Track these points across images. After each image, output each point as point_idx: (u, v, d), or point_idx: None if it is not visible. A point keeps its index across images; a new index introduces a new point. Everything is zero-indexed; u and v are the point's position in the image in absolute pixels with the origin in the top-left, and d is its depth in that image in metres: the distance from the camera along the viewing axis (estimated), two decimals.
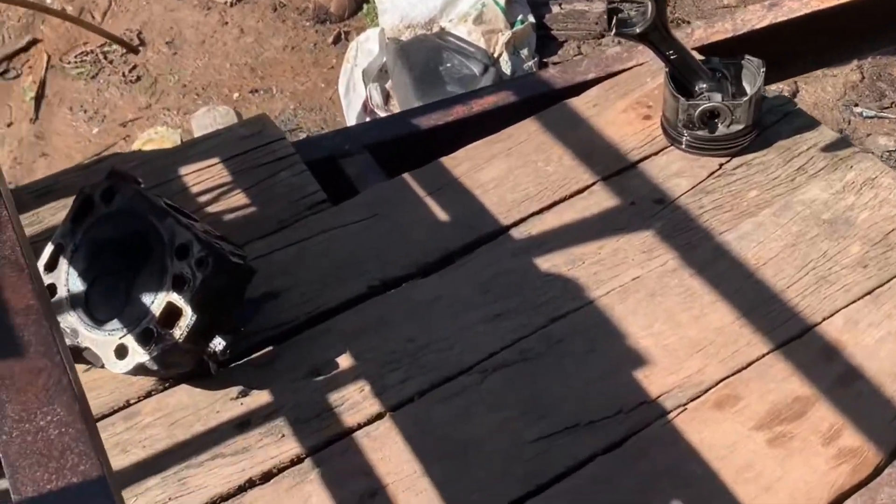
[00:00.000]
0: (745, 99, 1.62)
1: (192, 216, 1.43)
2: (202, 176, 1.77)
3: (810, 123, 1.72)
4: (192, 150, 1.83)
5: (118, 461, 1.31)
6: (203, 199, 1.72)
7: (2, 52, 4.21)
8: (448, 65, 3.28)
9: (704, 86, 1.67)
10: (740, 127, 1.65)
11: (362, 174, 1.80)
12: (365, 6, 3.92)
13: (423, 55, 3.32)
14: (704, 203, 1.61)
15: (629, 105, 1.83)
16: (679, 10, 3.69)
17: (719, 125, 1.66)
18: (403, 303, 1.52)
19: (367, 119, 3.37)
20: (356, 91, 3.46)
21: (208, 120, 3.58)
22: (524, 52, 3.49)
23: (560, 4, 3.68)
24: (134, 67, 3.99)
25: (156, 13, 4.29)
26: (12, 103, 3.93)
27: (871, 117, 3.00)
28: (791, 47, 2.02)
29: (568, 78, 1.94)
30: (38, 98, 3.92)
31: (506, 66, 3.42)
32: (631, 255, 1.54)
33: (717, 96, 1.64)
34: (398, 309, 1.51)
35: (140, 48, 4.11)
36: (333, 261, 1.59)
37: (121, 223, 1.35)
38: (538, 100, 1.91)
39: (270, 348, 1.47)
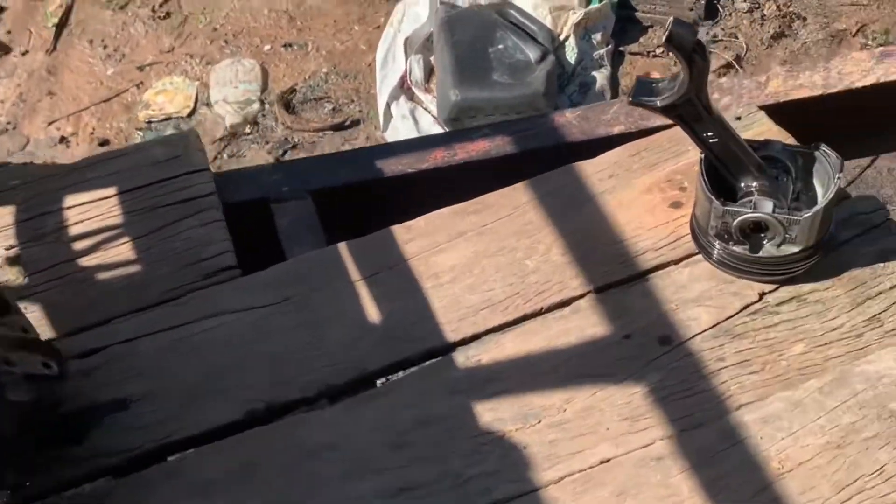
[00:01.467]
0: (808, 215, 1.16)
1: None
2: (89, 212, 1.42)
3: None
4: (91, 172, 1.48)
5: None
6: (79, 246, 1.37)
7: None
8: (500, 46, 2.83)
9: (754, 184, 1.21)
10: (796, 249, 1.20)
11: (294, 231, 1.42)
12: None
13: (472, 31, 2.87)
14: (727, 353, 1.18)
15: (656, 182, 1.39)
16: (797, 2, 3.12)
17: (765, 243, 1.21)
18: (284, 445, 1.15)
19: (402, 98, 2.96)
20: (395, 62, 3.05)
21: (230, 74, 3.24)
22: (597, 37, 3.01)
23: None
24: (166, 1, 3.64)
25: None
26: (33, 28, 3.65)
27: None
28: None
29: (587, 128, 1.51)
30: (61, 26, 3.62)
31: (571, 53, 2.95)
32: (607, 421, 1.14)
33: (768, 204, 1.19)
34: (275, 453, 1.14)
35: None
36: (212, 365, 1.23)
37: None
38: (542, 154, 1.49)
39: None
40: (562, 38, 2.98)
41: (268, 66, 3.28)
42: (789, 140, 1.39)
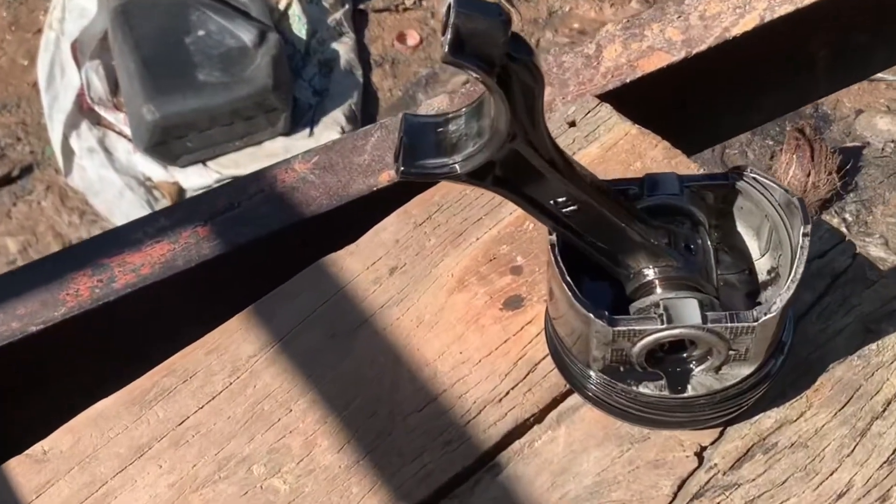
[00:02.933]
0: (768, 317, 0.66)
1: None
2: None
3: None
4: None
5: None
6: None
7: None
8: (200, 33, 2.22)
9: (652, 269, 0.70)
10: (748, 371, 0.70)
11: None
12: None
13: (157, 20, 2.24)
14: None
15: (471, 266, 0.86)
16: None
17: (694, 370, 0.69)
18: None
19: (85, 125, 2.27)
20: (65, 77, 2.36)
21: None
22: None
23: None
24: None
25: None
26: None
27: None
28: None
29: (335, 187, 0.96)
30: None
31: (299, 25, 2.38)
32: None
33: (691, 306, 0.69)
34: None
35: None
36: None
37: None
38: (266, 248, 0.91)
39: None
40: (282, 6, 2.40)
41: None
42: (658, 146, 0.90)
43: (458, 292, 0.83)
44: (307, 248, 0.87)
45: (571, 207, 0.66)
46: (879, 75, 2.05)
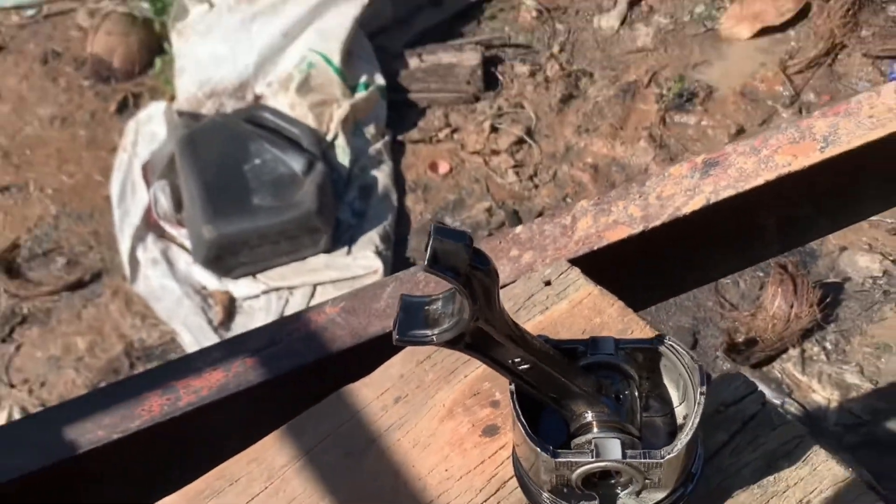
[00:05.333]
0: (671, 455, 0.85)
1: None
2: None
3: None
4: None
5: None
6: None
7: None
8: (256, 161, 2.47)
9: (589, 413, 0.89)
10: (662, 495, 0.88)
11: None
12: (158, 61, 3.05)
13: (219, 149, 2.50)
14: None
15: (459, 399, 1.05)
16: (579, 57, 2.93)
17: (620, 493, 0.88)
18: None
19: (150, 238, 2.53)
20: (135, 195, 2.63)
21: None
22: (369, 130, 2.70)
23: (420, 56, 2.88)
24: None
25: None
26: None
27: None
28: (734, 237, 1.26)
29: (357, 327, 1.16)
30: None
31: (343, 154, 2.63)
32: None
33: (614, 444, 0.88)
34: None
35: None
36: None
37: None
38: (300, 377, 1.12)
39: None
40: (329, 137, 2.67)
41: None
42: (614, 306, 1.10)
43: (448, 420, 1.03)
44: (332, 378, 1.08)
45: (525, 366, 0.86)
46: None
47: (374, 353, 1.11)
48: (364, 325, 1.16)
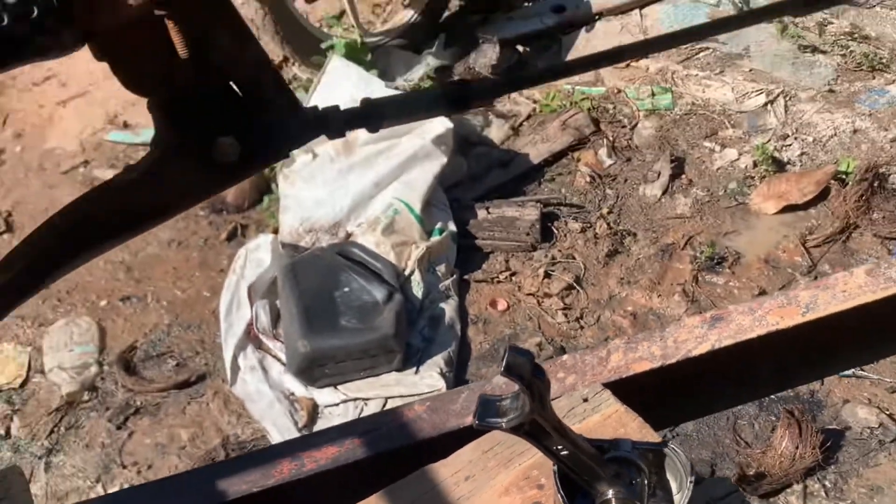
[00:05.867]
0: None
1: None
2: None
3: None
4: None
5: None
6: None
7: None
8: (345, 289, 2.83)
9: (610, 492, 1.20)
10: None
11: None
12: (266, 198, 3.48)
13: (316, 275, 2.87)
14: None
15: (514, 482, 1.35)
16: (625, 219, 3.29)
17: None
18: None
19: (250, 348, 2.88)
20: (240, 310, 2.99)
21: (64, 337, 3.09)
22: (441, 269, 3.05)
23: (488, 209, 3.26)
24: None
25: (32, 190, 3.84)
26: None
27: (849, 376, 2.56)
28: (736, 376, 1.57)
29: (438, 422, 1.47)
30: None
31: (417, 288, 2.97)
32: None
33: None
34: None
35: (6, 234, 3.64)
36: None
37: None
38: (395, 455, 1.43)
39: None
40: (407, 272, 3.02)
41: (105, 323, 3.15)
42: (636, 421, 1.40)
43: (504, 496, 1.33)
44: (417, 459, 1.40)
45: (565, 452, 1.18)
46: (863, 372, 2.53)
47: (450, 442, 1.43)
48: (443, 421, 1.48)
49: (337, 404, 2.70)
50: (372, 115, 0.68)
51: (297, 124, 0.65)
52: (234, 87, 0.62)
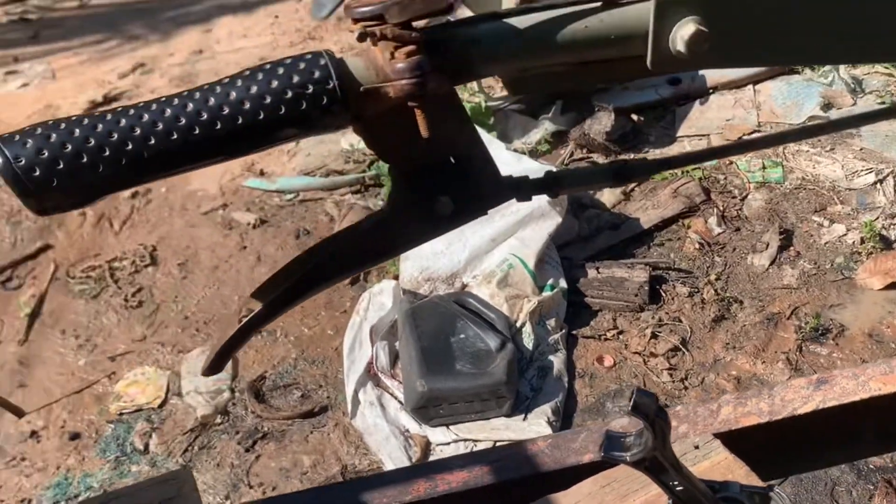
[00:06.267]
0: None
1: None
2: None
3: None
4: None
5: None
6: None
7: (9, 258, 4.08)
8: (461, 336, 3.00)
9: None
10: None
11: None
12: None
13: (435, 321, 3.04)
14: None
15: None
16: (732, 286, 3.38)
17: None
18: None
19: (370, 385, 3.07)
20: (362, 349, 3.18)
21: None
22: (551, 323, 3.20)
23: (598, 269, 3.40)
24: (139, 290, 3.80)
25: (175, 228, 4.16)
26: (5, 318, 3.75)
27: None
28: (838, 436, 1.66)
29: (559, 457, 1.61)
30: (34, 315, 3.74)
31: (528, 339, 3.12)
32: None
33: None
34: None
35: (150, 267, 3.95)
36: None
37: None
38: (518, 484, 1.57)
39: None
40: (518, 324, 3.17)
41: (238, 353, 3.39)
42: (742, 469, 1.52)
43: None
44: (539, 489, 1.54)
45: (680, 488, 1.31)
46: None
47: (568, 477, 1.57)
48: (564, 457, 1.62)
49: (448, 443, 2.85)
50: (553, 184, 0.86)
51: (497, 189, 0.83)
52: (452, 159, 0.80)
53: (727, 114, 4.30)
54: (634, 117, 4.35)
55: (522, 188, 0.85)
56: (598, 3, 0.78)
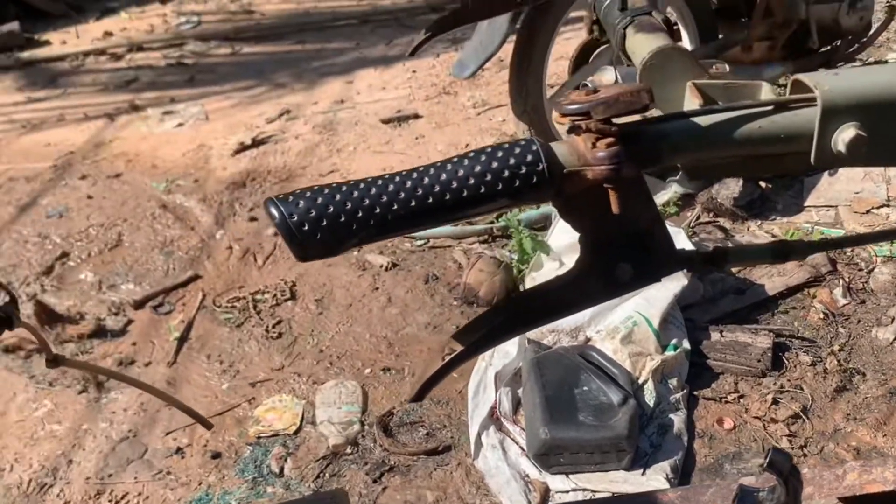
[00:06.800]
0: None
1: None
2: None
3: None
4: None
5: None
6: None
7: (161, 285, 4.40)
8: (584, 388, 3.10)
9: None
10: None
11: None
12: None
13: (559, 372, 3.16)
14: None
15: None
16: (856, 358, 3.38)
17: None
18: None
19: (492, 429, 3.19)
20: (486, 393, 3.32)
21: (334, 395, 3.53)
22: (673, 382, 3.26)
23: (721, 332, 3.46)
24: (279, 322, 4.05)
25: (314, 267, 4.40)
26: (157, 341, 4.05)
27: None
28: None
29: None
30: (182, 339, 4.02)
31: (650, 397, 3.19)
32: None
33: None
34: None
35: (289, 301, 4.19)
36: None
37: None
38: None
39: None
40: (640, 381, 3.25)
41: (368, 388, 3.58)
42: None
43: None
44: None
45: None
46: None
47: None
48: None
49: (567, 491, 2.94)
50: (720, 259, 0.98)
51: (671, 260, 0.97)
52: (636, 232, 0.94)
53: (856, 186, 4.30)
54: (762, 184, 4.39)
55: (695, 261, 0.98)
56: (771, 108, 0.90)
